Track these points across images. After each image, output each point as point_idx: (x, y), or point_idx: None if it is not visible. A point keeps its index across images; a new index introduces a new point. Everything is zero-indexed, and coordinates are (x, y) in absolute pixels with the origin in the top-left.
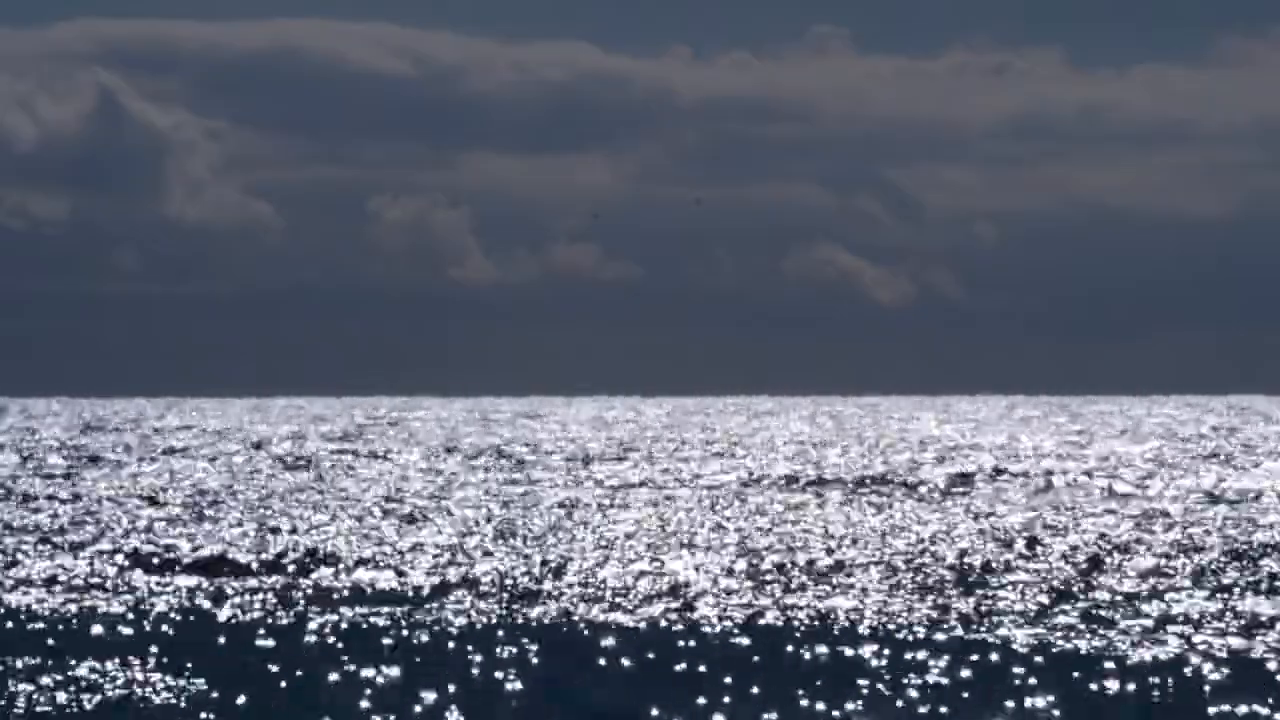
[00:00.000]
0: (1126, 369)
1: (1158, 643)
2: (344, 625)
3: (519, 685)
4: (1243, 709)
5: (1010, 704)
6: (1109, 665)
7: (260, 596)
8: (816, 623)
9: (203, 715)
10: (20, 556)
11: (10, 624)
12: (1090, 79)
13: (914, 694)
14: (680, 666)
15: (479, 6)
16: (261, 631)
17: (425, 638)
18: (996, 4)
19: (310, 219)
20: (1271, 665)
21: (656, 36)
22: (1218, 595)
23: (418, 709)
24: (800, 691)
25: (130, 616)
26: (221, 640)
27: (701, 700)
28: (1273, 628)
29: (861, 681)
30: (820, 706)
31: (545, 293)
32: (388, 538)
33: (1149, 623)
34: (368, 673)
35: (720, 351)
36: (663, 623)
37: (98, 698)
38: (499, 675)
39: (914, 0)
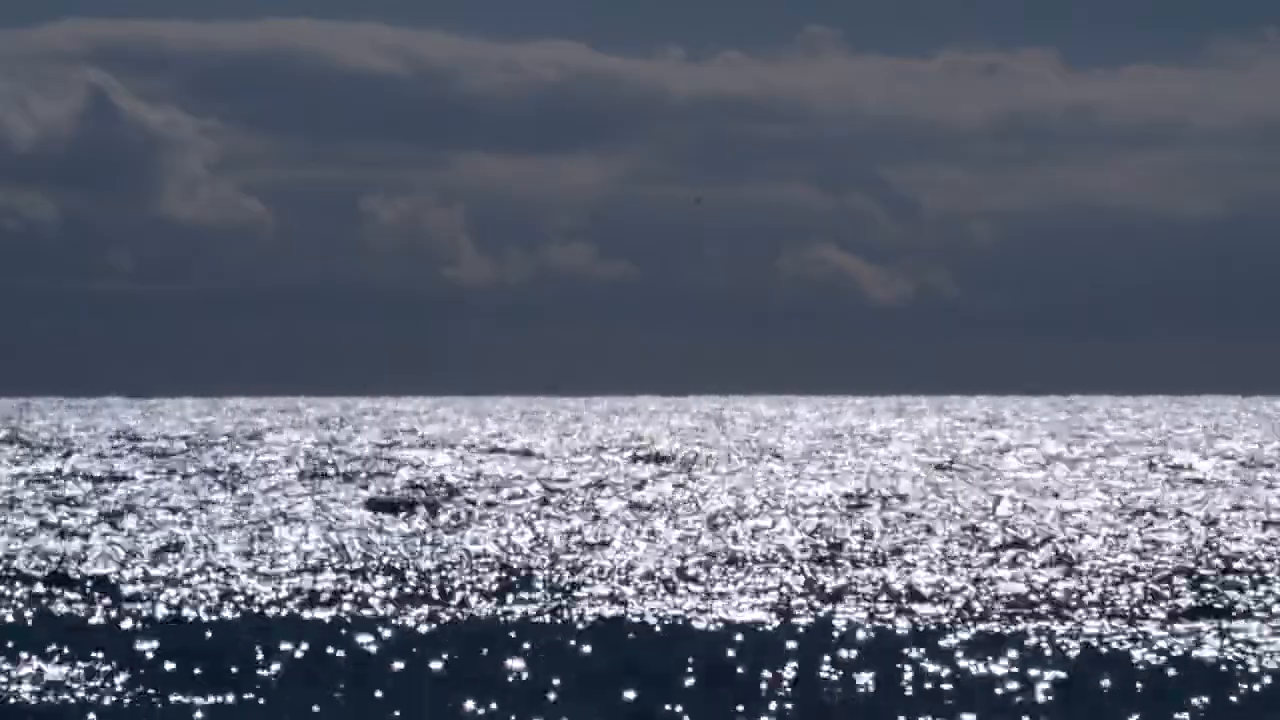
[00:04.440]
0: (1123, 368)
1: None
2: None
3: None
4: None
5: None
6: None
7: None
8: None
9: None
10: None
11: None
12: (1083, 79)
13: None
14: None
15: (471, 6)
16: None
17: None
18: (988, 4)
19: (303, 218)
20: None
21: (649, 36)
22: None
23: None
24: None
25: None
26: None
27: None
28: None
29: None
30: None
31: (540, 291)
32: None
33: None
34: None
35: (716, 351)
36: None
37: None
38: None
39: (906, 1)
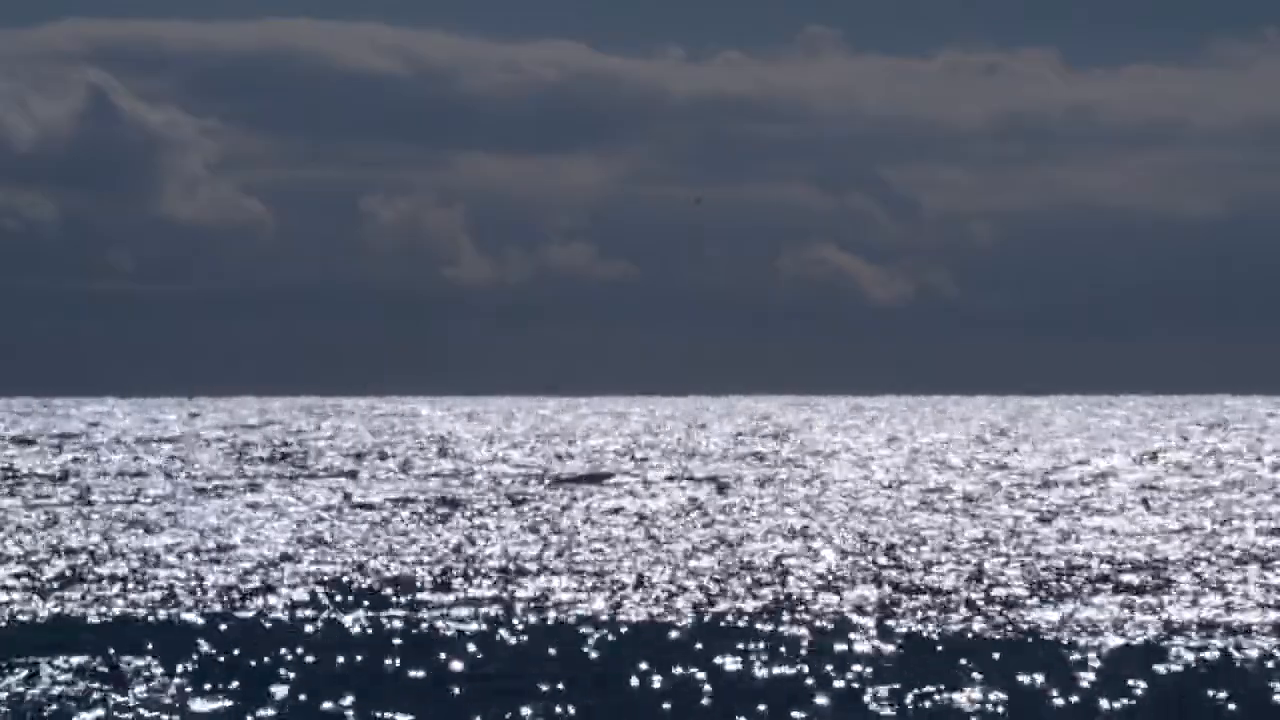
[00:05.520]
0: (1123, 368)
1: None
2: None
3: None
4: None
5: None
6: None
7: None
8: None
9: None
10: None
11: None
12: (1083, 79)
13: None
14: None
15: (471, 6)
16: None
17: None
18: (988, 4)
19: (303, 218)
20: None
21: (649, 36)
22: None
23: None
24: None
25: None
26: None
27: None
28: None
29: None
30: None
31: (540, 291)
32: None
33: None
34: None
35: (716, 351)
36: None
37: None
38: None
39: (906, 1)
